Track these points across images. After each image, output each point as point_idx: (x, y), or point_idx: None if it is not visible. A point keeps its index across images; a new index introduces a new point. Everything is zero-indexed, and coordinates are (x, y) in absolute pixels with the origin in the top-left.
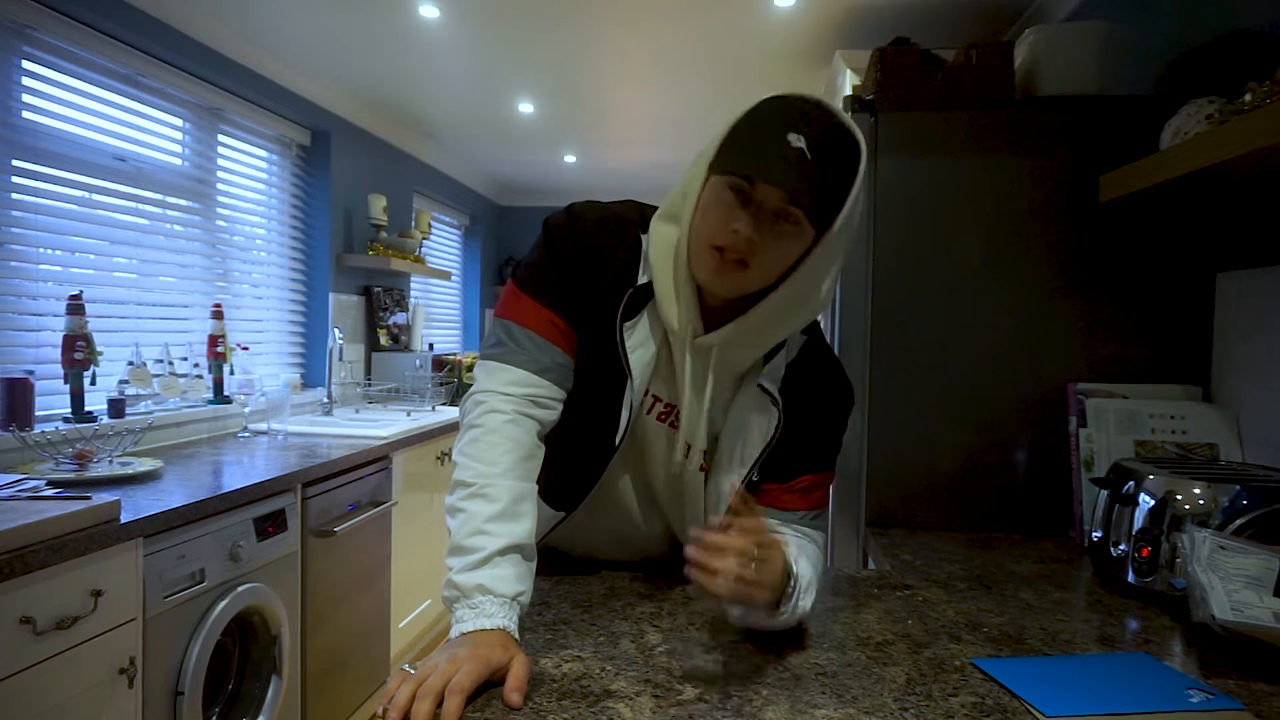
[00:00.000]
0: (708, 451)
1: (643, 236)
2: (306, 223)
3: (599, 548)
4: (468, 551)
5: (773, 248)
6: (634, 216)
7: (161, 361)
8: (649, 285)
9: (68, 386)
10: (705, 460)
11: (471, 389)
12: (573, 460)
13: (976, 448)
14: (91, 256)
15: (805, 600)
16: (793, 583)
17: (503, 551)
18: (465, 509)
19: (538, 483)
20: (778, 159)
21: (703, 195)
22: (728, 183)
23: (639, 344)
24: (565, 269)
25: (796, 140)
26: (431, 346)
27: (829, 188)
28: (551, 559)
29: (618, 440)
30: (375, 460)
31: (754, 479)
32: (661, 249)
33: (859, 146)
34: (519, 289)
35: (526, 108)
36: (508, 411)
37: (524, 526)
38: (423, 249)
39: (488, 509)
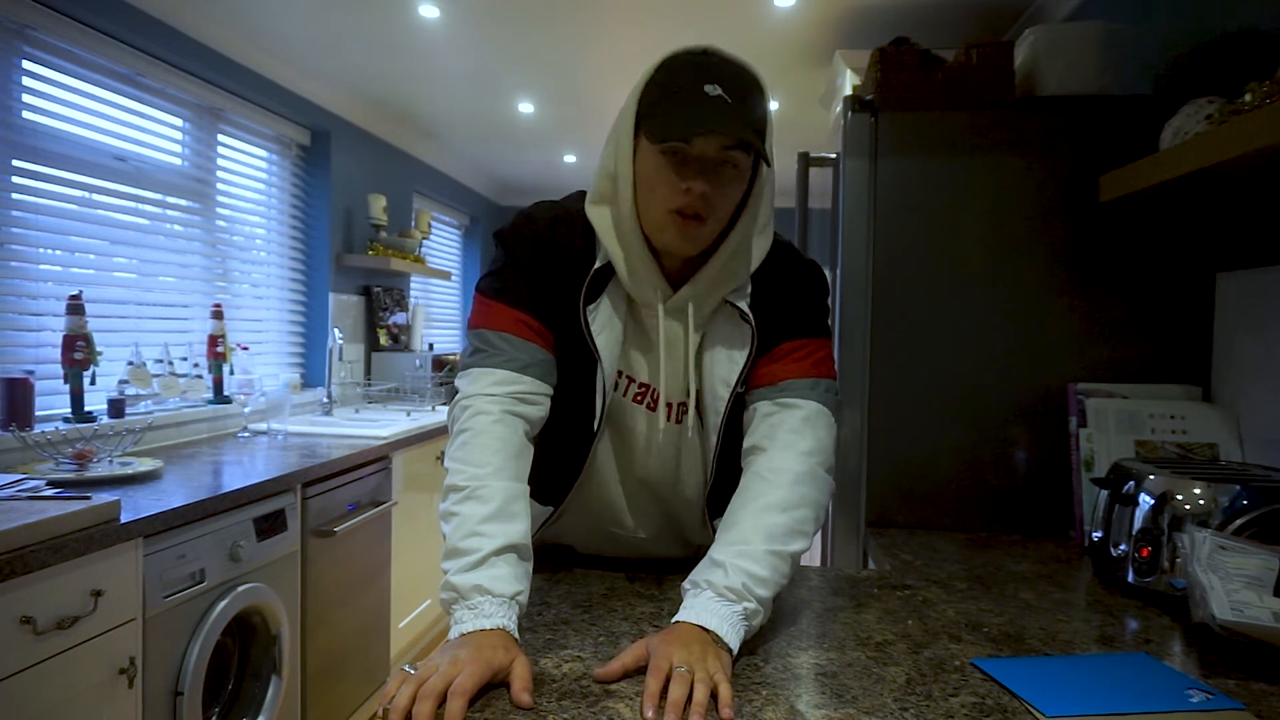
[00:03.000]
0: (691, 404)
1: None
2: (306, 223)
3: (603, 548)
4: (463, 553)
5: (722, 195)
6: (582, 204)
7: (161, 361)
8: (608, 267)
9: (68, 386)
10: (688, 409)
11: (457, 397)
12: (557, 455)
13: (976, 448)
14: (91, 256)
15: (750, 602)
16: (730, 619)
17: (499, 551)
18: (459, 512)
19: (529, 481)
20: (704, 112)
21: (638, 170)
22: (664, 149)
23: (604, 326)
24: (527, 271)
25: (713, 90)
26: (431, 346)
27: (753, 124)
28: (552, 555)
29: (595, 425)
30: (375, 460)
31: (740, 391)
32: (605, 232)
33: (758, 78)
34: (486, 298)
35: (526, 108)
36: (494, 412)
37: (518, 526)
38: (423, 249)
39: (481, 510)
